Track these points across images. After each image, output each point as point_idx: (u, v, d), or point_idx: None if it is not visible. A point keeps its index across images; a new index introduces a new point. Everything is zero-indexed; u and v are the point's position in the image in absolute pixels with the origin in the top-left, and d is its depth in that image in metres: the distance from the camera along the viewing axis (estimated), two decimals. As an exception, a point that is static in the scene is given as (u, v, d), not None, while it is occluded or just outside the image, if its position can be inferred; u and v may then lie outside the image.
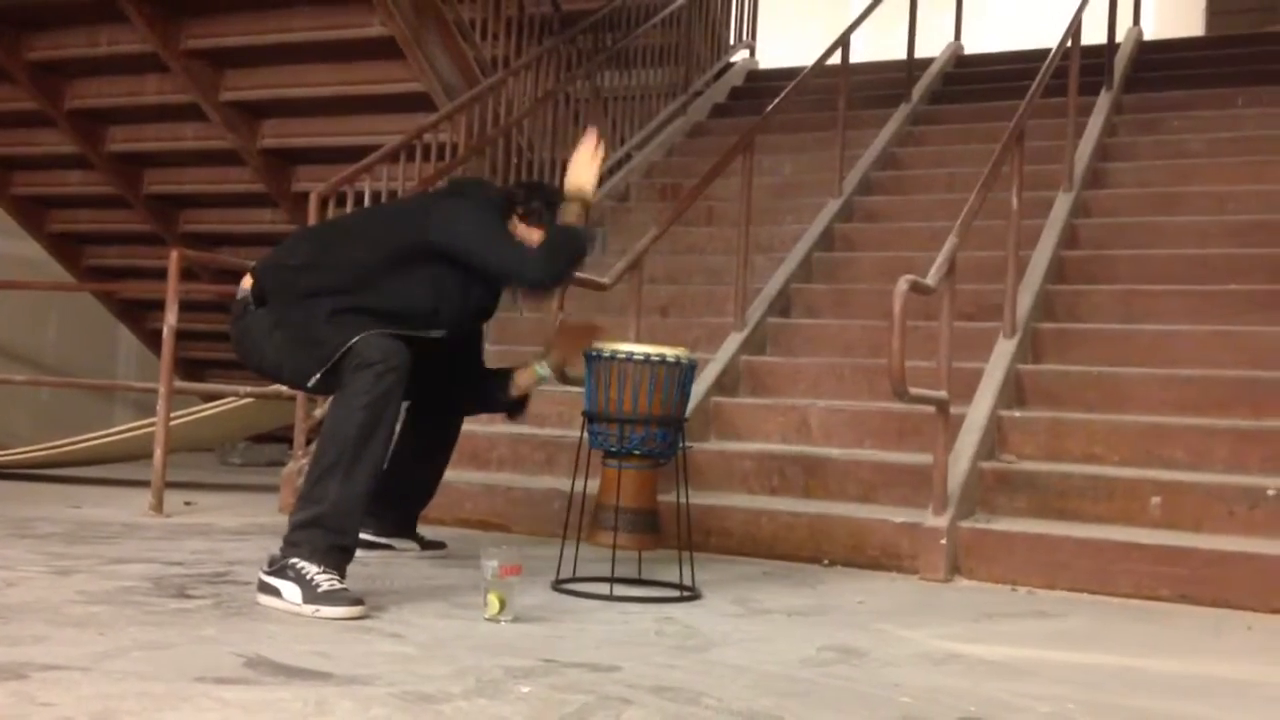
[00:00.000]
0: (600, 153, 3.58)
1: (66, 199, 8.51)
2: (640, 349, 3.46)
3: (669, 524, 3.69)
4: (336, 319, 3.21)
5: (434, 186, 3.63)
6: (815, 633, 3.07)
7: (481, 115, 6.78)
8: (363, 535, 3.91)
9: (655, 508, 3.56)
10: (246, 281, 3.39)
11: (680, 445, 3.55)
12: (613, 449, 3.48)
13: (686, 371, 3.54)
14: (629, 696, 2.31)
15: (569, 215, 3.51)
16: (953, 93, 8.32)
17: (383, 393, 3.11)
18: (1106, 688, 2.66)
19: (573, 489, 3.56)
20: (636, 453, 3.47)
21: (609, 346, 3.48)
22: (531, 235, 3.53)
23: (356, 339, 3.15)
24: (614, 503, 3.45)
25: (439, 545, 4.07)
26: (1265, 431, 4.38)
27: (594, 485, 3.64)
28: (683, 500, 3.58)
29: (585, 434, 3.55)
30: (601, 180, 7.45)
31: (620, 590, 3.42)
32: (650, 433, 3.44)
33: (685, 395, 3.56)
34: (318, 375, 3.24)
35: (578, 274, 4.65)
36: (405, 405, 4.00)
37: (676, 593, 3.49)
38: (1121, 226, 6.09)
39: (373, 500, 3.93)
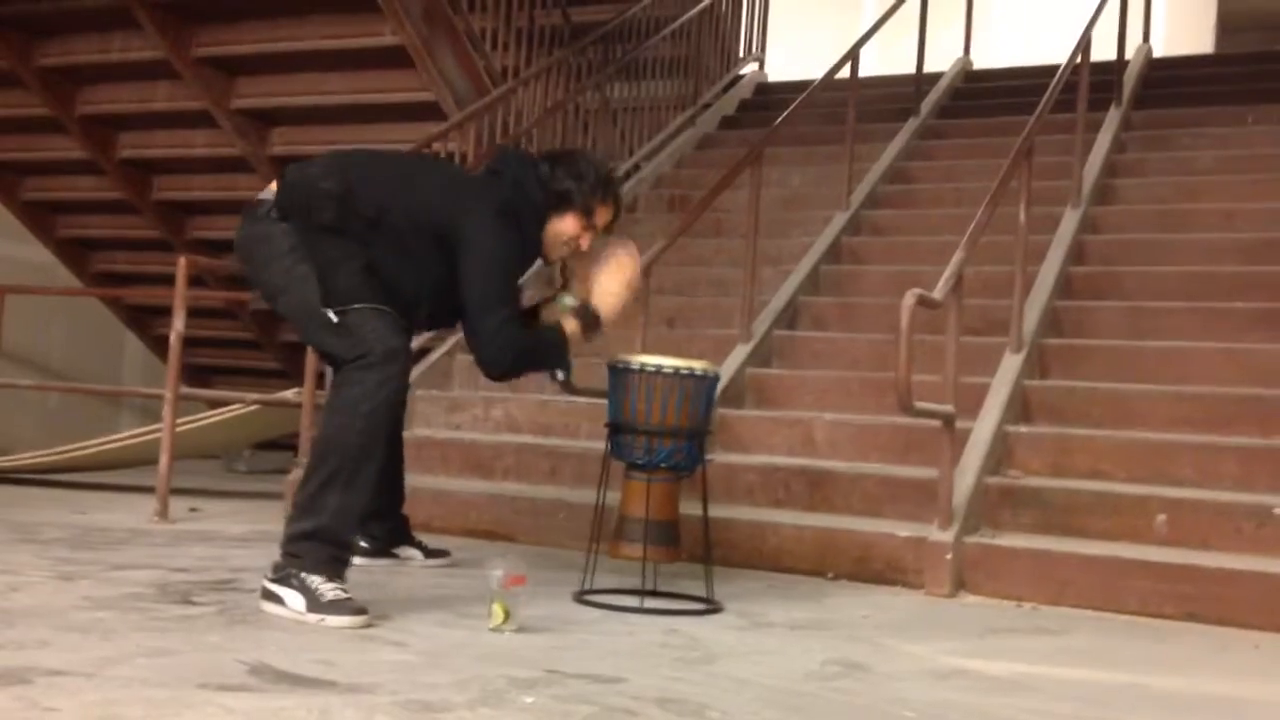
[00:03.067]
0: (636, 286, 3.48)
1: (76, 204, 8.54)
2: (669, 362, 3.45)
3: (686, 537, 3.69)
4: (362, 275, 3.14)
5: (487, 164, 3.39)
6: (820, 646, 3.07)
7: (491, 125, 6.80)
8: (364, 544, 3.93)
9: (677, 520, 3.56)
10: (274, 185, 3.32)
11: (703, 458, 3.56)
12: (640, 461, 3.47)
13: (712, 385, 3.55)
14: (633, 708, 2.31)
15: (575, 324, 3.44)
16: (961, 107, 8.32)
17: (384, 399, 3.08)
18: (1111, 704, 2.65)
19: (599, 499, 3.56)
20: (663, 465, 3.47)
21: (636, 359, 3.47)
22: (564, 224, 3.43)
23: (367, 306, 3.11)
24: (641, 515, 3.44)
25: (443, 554, 4.06)
26: (1273, 450, 4.37)
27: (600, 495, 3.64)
28: (702, 514, 3.59)
29: (608, 445, 3.55)
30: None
31: (645, 603, 3.41)
32: (677, 445, 3.45)
33: (710, 408, 3.57)
34: (312, 320, 3.16)
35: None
36: None
37: (700, 606, 3.49)
38: (1129, 243, 6.08)
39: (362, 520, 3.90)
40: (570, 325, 3.47)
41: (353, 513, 3.10)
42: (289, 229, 3.23)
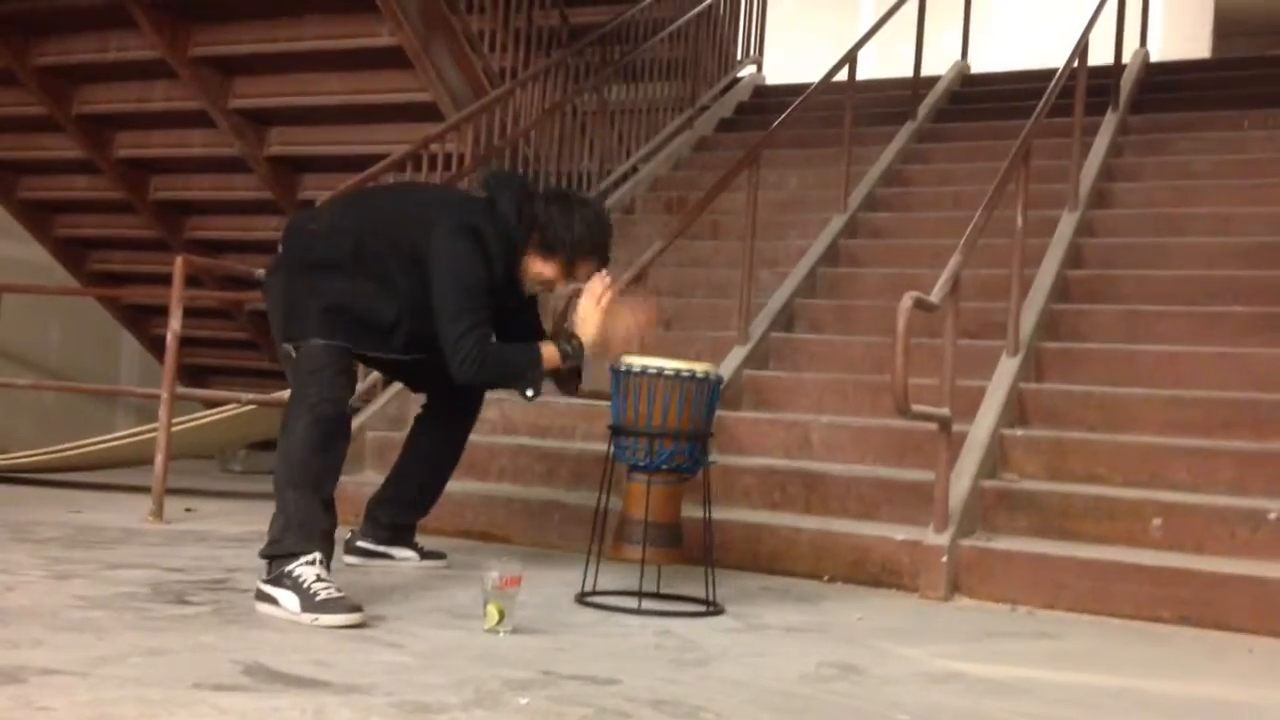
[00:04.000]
0: (607, 299, 3.50)
1: (73, 204, 8.53)
2: (670, 364, 3.46)
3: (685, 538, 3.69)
4: (326, 315, 3.27)
5: (473, 181, 3.46)
6: (815, 649, 3.07)
7: (489, 126, 6.80)
8: (360, 544, 3.94)
9: (679, 522, 3.56)
10: None
11: (705, 460, 3.57)
12: (642, 464, 3.48)
13: (714, 387, 3.56)
14: (628, 710, 2.31)
15: (555, 354, 3.46)
16: (959, 111, 8.32)
17: (324, 416, 3.21)
18: (1106, 708, 2.65)
19: (600, 502, 3.55)
20: (665, 468, 3.47)
21: (637, 361, 3.47)
22: (544, 267, 3.51)
23: (324, 343, 3.24)
24: (642, 517, 3.45)
25: (439, 555, 4.06)
26: (1268, 454, 4.37)
27: (593, 498, 3.64)
28: (704, 516, 3.59)
29: (611, 446, 3.55)
30: (606, 195, 7.48)
31: (646, 605, 3.41)
32: (679, 447, 3.46)
33: (711, 410, 3.58)
34: (283, 345, 3.34)
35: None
36: (421, 406, 4.03)
37: (701, 608, 3.49)
38: (1126, 246, 6.09)
39: (374, 506, 3.96)
40: (550, 354, 3.48)
41: (313, 510, 3.18)
42: (283, 271, 3.40)
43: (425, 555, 4.03)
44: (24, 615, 2.84)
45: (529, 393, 3.47)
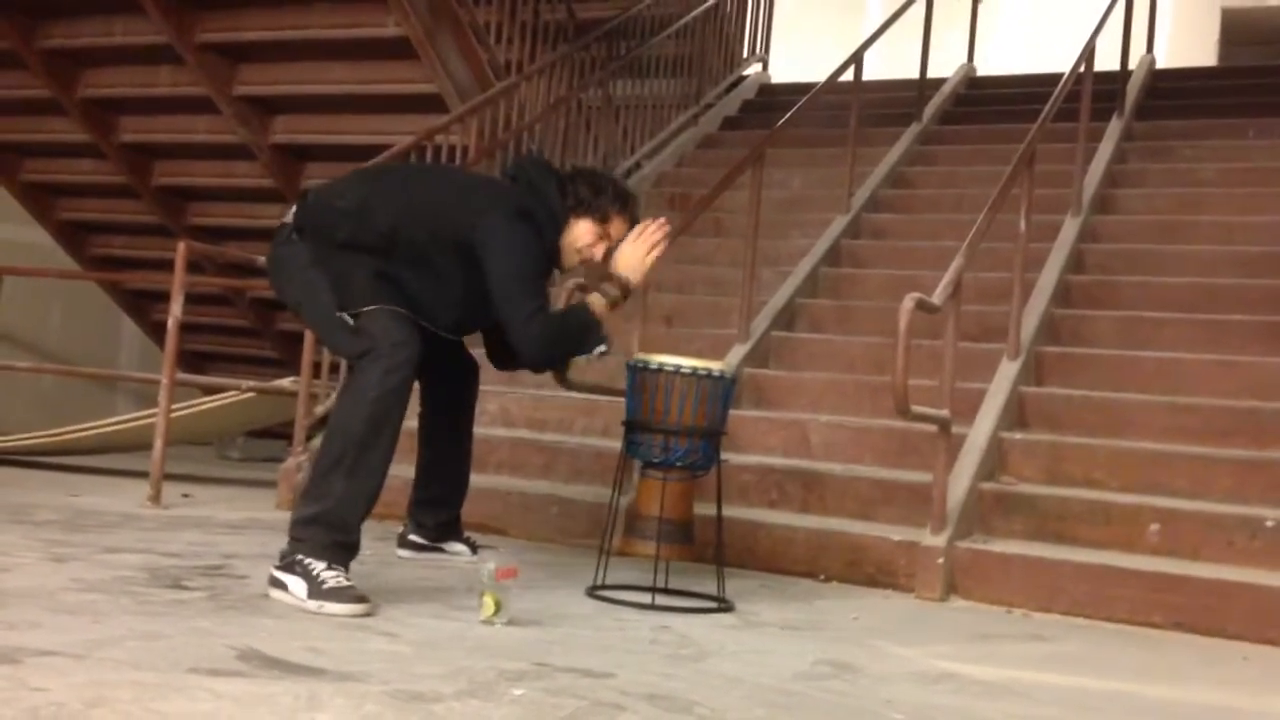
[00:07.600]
0: (660, 248, 3.51)
1: (75, 187, 8.53)
2: (687, 362, 3.47)
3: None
4: (374, 281, 3.22)
5: (505, 170, 3.50)
6: (810, 647, 3.07)
7: (493, 119, 6.80)
8: (412, 537, 3.97)
9: (691, 519, 3.57)
10: (295, 207, 3.40)
11: (718, 458, 3.57)
12: (656, 460, 3.49)
13: (728, 386, 3.57)
14: (622, 703, 2.31)
15: (602, 300, 3.47)
16: (964, 114, 8.32)
17: (390, 389, 3.11)
18: (1100, 712, 2.65)
19: (613, 497, 3.55)
20: (679, 464, 3.48)
21: (655, 358, 3.48)
22: (578, 230, 3.50)
23: (378, 307, 3.17)
24: (656, 513, 3.46)
25: (491, 550, 4.06)
26: (1266, 462, 4.37)
27: (591, 492, 3.64)
28: (716, 513, 3.59)
29: (625, 443, 3.55)
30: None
31: (655, 600, 3.41)
32: (694, 445, 3.47)
33: (726, 409, 3.59)
34: (330, 326, 3.23)
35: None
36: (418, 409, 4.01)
37: (712, 604, 3.49)
38: (1128, 253, 6.09)
39: (414, 509, 3.97)
40: (597, 304, 3.48)
41: (357, 500, 3.11)
42: (305, 246, 3.31)
43: (477, 550, 4.02)
44: (21, 597, 2.84)
45: (600, 350, 3.47)
